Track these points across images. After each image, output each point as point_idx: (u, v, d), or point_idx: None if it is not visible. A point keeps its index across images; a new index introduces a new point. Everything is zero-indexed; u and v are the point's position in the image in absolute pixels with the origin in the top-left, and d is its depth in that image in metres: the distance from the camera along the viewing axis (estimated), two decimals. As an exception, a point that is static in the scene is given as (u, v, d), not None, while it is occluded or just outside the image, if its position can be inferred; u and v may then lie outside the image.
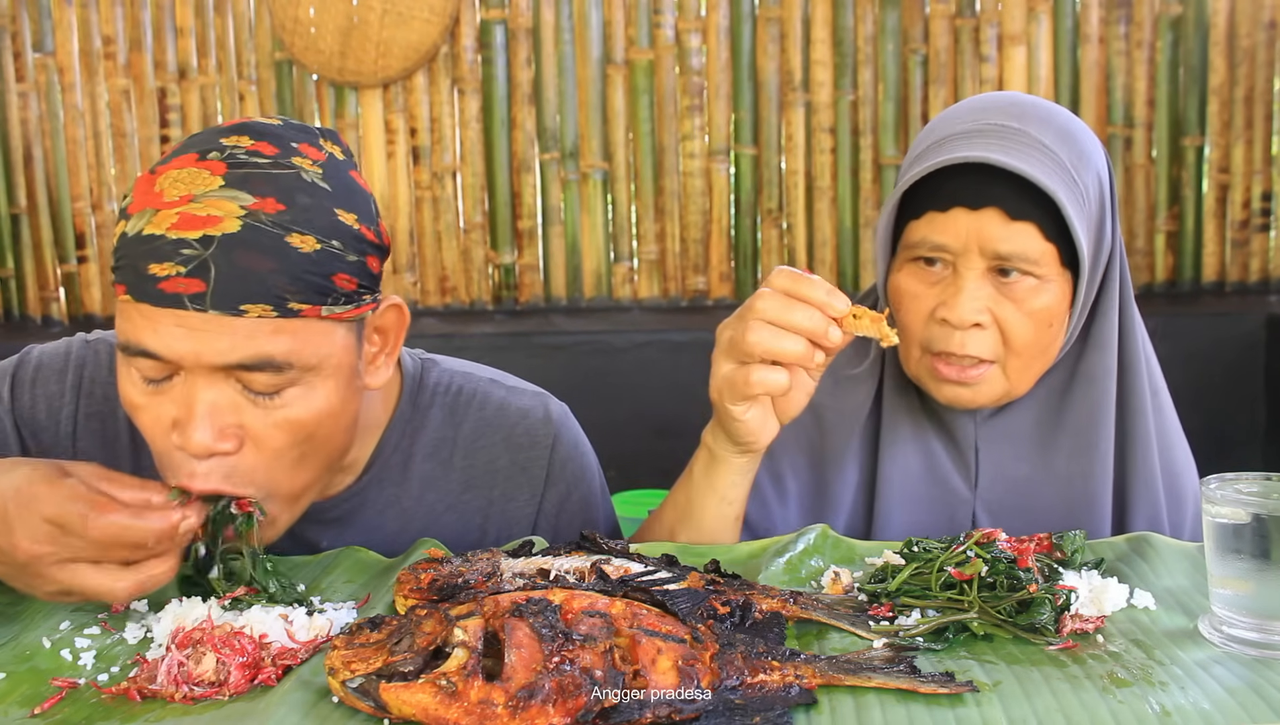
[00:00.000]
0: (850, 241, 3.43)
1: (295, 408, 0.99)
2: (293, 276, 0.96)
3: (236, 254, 0.94)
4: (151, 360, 0.96)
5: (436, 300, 3.52)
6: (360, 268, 1.01)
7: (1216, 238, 3.39)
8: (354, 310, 1.02)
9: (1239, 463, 1.20)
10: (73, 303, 3.62)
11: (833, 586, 1.01)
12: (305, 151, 1.00)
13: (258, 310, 0.95)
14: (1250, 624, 0.87)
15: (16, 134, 3.54)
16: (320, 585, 1.06)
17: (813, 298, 1.06)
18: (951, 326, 1.19)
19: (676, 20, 3.39)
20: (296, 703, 0.79)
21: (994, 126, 1.19)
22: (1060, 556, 1.02)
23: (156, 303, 0.94)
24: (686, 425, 3.72)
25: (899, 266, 1.25)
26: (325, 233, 0.98)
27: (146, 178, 0.98)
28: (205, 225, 0.93)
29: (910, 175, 1.21)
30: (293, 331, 0.97)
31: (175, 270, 0.93)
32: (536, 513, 1.26)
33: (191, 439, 0.96)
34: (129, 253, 0.96)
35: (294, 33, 3.37)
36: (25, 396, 1.18)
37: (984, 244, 1.17)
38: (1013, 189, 1.16)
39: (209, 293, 0.93)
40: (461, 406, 1.25)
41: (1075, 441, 1.28)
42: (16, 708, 0.83)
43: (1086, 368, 1.28)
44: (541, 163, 3.46)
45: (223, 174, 0.96)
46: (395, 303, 1.10)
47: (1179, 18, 3.31)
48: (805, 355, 1.07)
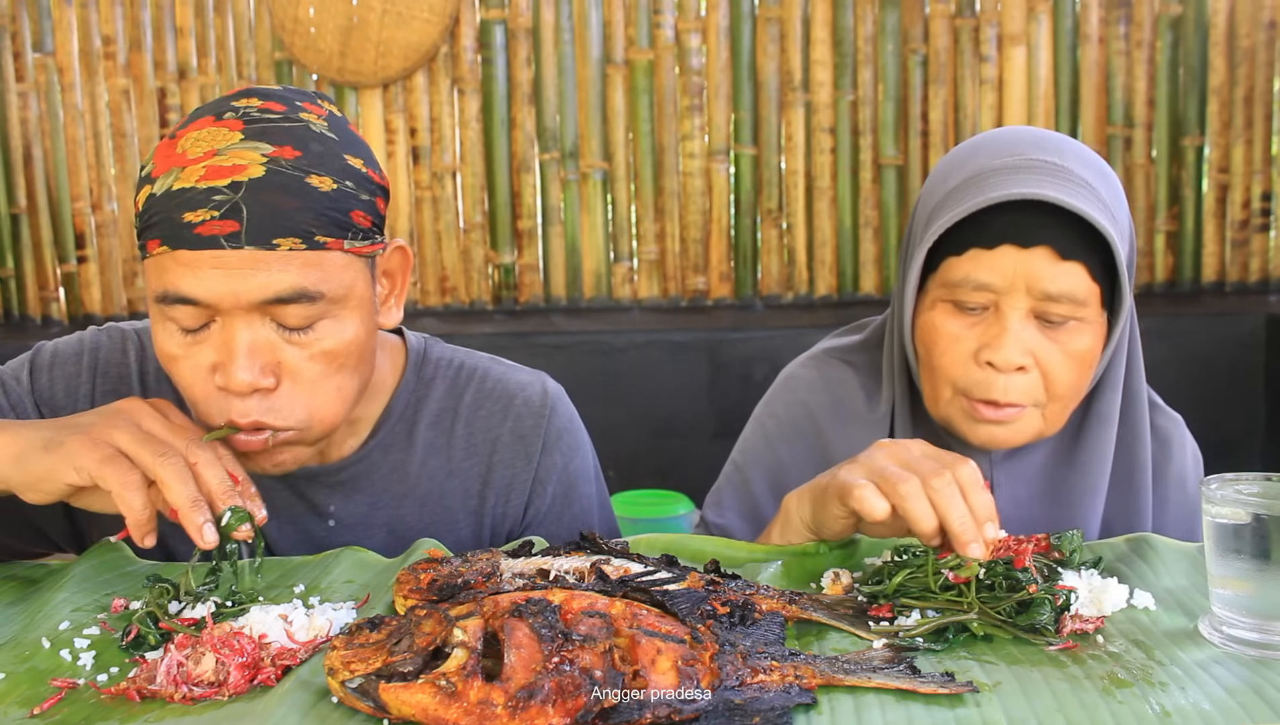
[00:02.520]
0: (850, 241, 3.43)
1: (328, 340, 1.06)
2: (316, 213, 1.03)
3: (264, 195, 1.00)
4: (190, 307, 1.02)
5: (436, 300, 3.52)
6: (371, 207, 1.09)
7: (1216, 238, 3.39)
8: (370, 246, 1.10)
9: (1239, 463, 1.20)
10: (73, 303, 3.62)
11: (833, 586, 1.01)
12: (309, 109, 1.08)
13: (288, 243, 1.01)
14: (1250, 624, 0.87)
15: (16, 134, 3.54)
16: (320, 585, 1.06)
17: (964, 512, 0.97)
18: (996, 370, 1.15)
19: (676, 20, 3.39)
20: (296, 703, 0.79)
21: (1037, 162, 1.15)
22: (1059, 556, 1.02)
23: (194, 247, 1.00)
24: (686, 425, 3.75)
25: (931, 304, 1.20)
26: (339, 175, 1.05)
27: (166, 143, 1.04)
28: (232, 173, 1.00)
29: (959, 210, 1.15)
30: (320, 264, 1.04)
31: (209, 215, 0.99)
32: (532, 479, 1.29)
33: (234, 377, 1.02)
34: (161, 208, 1.01)
35: (294, 33, 3.37)
36: (44, 379, 1.23)
37: (1032, 283, 1.13)
38: (1062, 228, 1.12)
39: (243, 230, 1.00)
40: (463, 380, 1.30)
41: (1084, 480, 1.27)
42: (16, 708, 0.83)
43: (1101, 408, 1.26)
44: (541, 163, 3.46)
45: (241, 129, 1.03)
46: (400, 245, 1.18)
47: (1179, 18, 3.31)
48: (928, 536, 0.98)
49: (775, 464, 1.33)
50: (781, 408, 1.37)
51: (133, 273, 3.59)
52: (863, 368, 1.35)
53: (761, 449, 1.37)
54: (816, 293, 3.46)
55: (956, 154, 1.24)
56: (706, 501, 1.41)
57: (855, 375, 1.35)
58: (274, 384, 1.04)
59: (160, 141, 1.06)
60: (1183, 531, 1.29)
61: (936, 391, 1.22)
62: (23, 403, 1.22)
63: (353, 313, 1.08)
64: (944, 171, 1.23)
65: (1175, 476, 1.34)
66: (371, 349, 1.14)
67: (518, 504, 1.29)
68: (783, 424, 1.36)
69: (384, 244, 1.14)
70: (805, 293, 3.47)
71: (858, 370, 1.35)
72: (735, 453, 1.40)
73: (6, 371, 1.24)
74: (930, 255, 1.20)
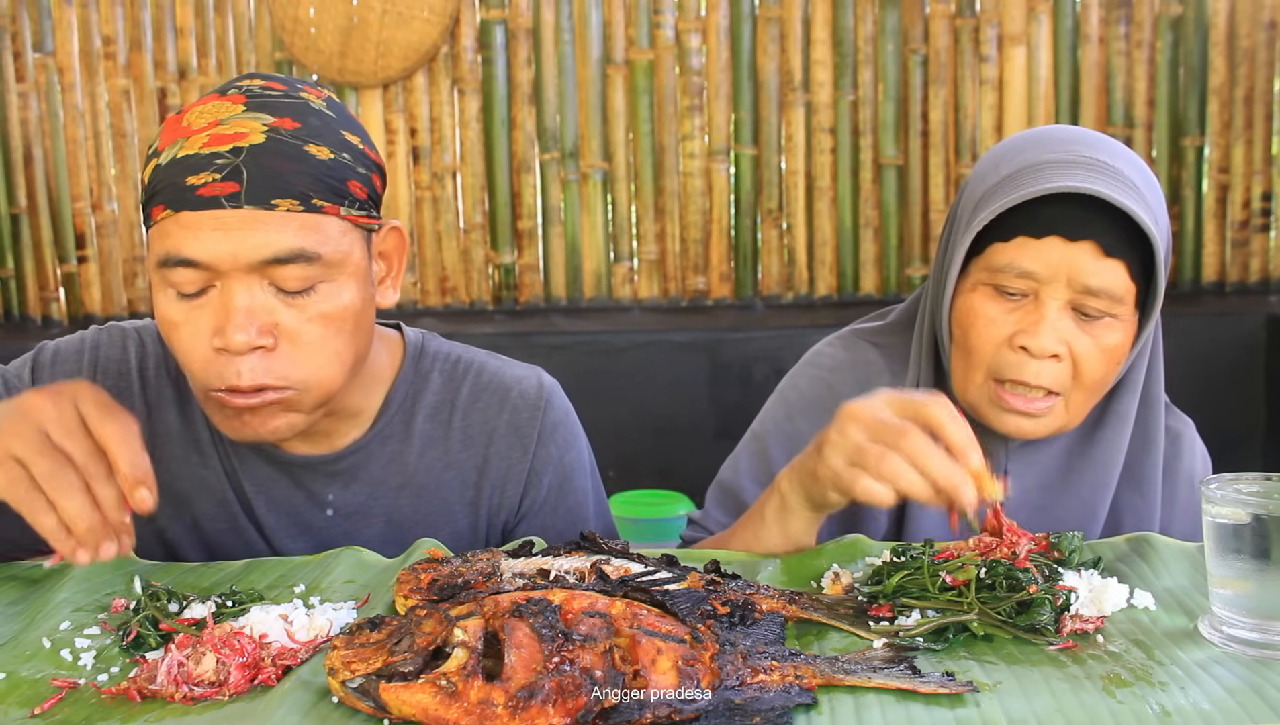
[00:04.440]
0: (850, 241, 3.43)
1: (325, 304, 1.09)
2: (314, 178, 1.07)
3: (264, 159, 1.05)
4: (190, 270, 1.05)
5: (436, 300, 3.52)
6: (368, 181, 1.13)
7: (1216, 238, 3.39)
8: (366, 217, 1.13)
9: (1239, 463, 1.20)
10: (73, 303, 3.62)
11: (833, 586, 1.01)
12: (308, 91, 1.14)
13: (287, 204, 1.05)
14: (1250, 624, 0.87)
15: (16, 134, 3.54)
16: (320, 585, 1.06)
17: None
18: (1029, 355, 1.18)
19: (676, 20, 3.39)
20: (296, 703, 0.79)
21: (1091, 160, 1.17)
22: (1058, 556, 1.02)
23: (196, 207, 1.04)
24: (686, 425, 3.75)
25: (971, 287, 1.23)
26: (336, 147, 1.10)
27: (173, 119, 1.10)
28: (234, 139, 1.05)
29: (1013, 197, 1.17)
30: (318, 227, 1.07)
31: (211, 177, 1.04)
32: (528, 471, 1.30)
33: (233, 338, 1.05)
34: (165, 175, 1.06)
35: (294, 33, 3.37)
36: (46, 377, 1.24)
37: (1074, 276, 1.16)
38: (1109, 225, 1.15)
39: (243, 191, 1.04)
40: (460, 373, 1.32)
41: (1098, 475, 1.29)
42: (16, 708, 0.83)
43: (1119, 407, 1.29)
44: (541, 163, 3.46)
45: (243, 102, 1.08)
46: (395, 226, 1.21)
47: (1179, 18, 3.31)
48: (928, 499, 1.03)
49: (794, 434, 1.35)
50: (805, 382, 1.40)
51: (133, 273, 3.59)
52: (889, 350, 1.38)
53: (781, 419, 1.39)
54: (817, 293, 3.46)
55: (1009, 144, 1.27)
56: (723, 465, 1.43)
57: (881, 356, 1.37)
58: (273, 344, 1.07)
59: (167, 119, 1.11)
60: (1190, 530, 1.31)
61: (968, 375, 1.24)
62: None
63: (350, 279, 1.11)
64: (995, 159, 1.25)
65: (1185, 474, 1.36)
66: (369, 320, 1.16)
67: (513, 495, 1.30)
68: (805, 397, 1.38)
69: (380, 222, 1.17)
70: (805, 293, 3.47)
71: (884, 351, 1.38)
72: (756, 423, 1.42)
73: (9, 370, 1.25)
74: (976, 240, 1.22)
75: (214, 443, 1.25)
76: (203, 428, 1.25)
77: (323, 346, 1.10)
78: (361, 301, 1.13)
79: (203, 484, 1.25)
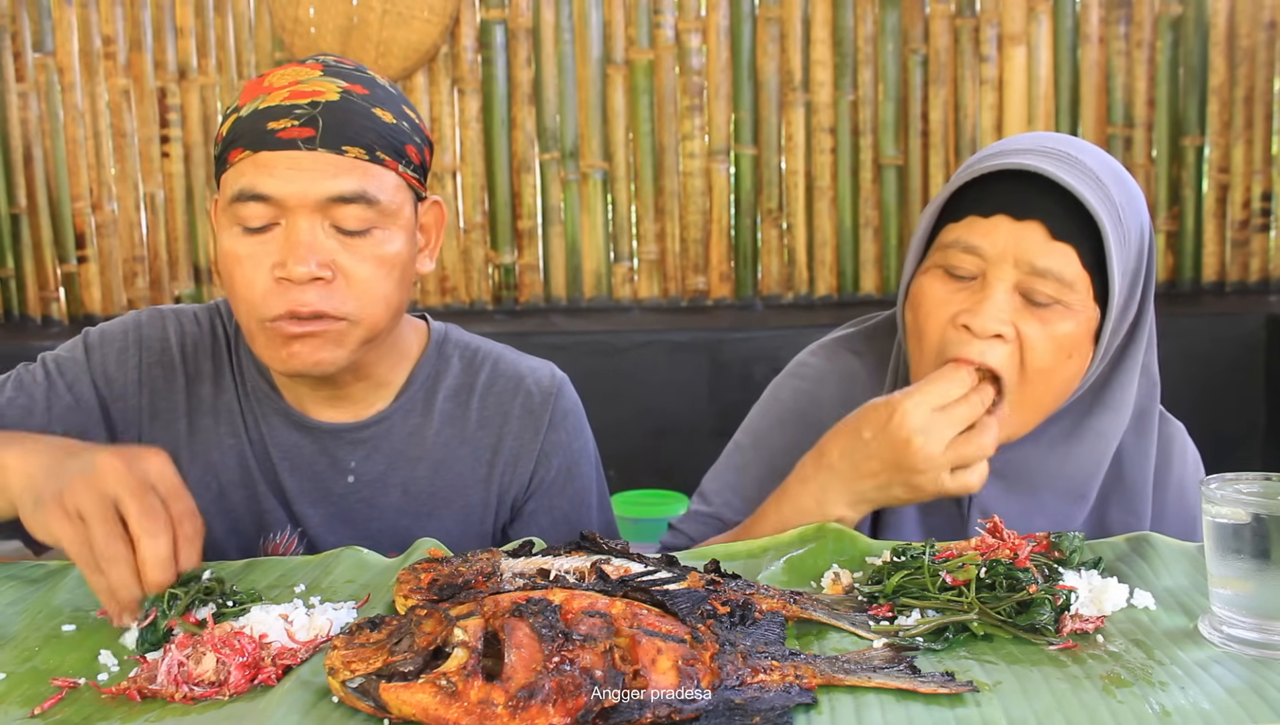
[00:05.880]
0: (850, 241, 3.43)
1: (379, 248, 1.21)
2: (378, 134, 1.20)
3: (337, 112, 1.18)
4: (261, 204, 1.17)
5: (436, 300, 3.52)
6: (421, 150, 1.26)
7: (1216, 238, 3.39)
8: (418, 181, 1.27)
9: (1239, 463, 1.20)
10: (73, 303, 3.62)
11: (833, 586, 1.01)
12: (375, 73, 1.27)
13: (355, 151, 1.18)
14: (1250, 624, 0.87)
15: (16, 134, 3.54)
16: (321, 585, 1.06)
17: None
18: (971, 334, 1.16)
19: (676, 20, 3.39)
20: (296, 703, 0.79)
21: (1052, 150, 1.17)
22: (1058, 556, 1.02)
23: (275, 148, 1.17)
24: (686, 425, 3.75)
25: (925, 269, 1.22)
26: (398, 115, 1.23)
27: (254, 81, 1.23)
28: (312, 95, 1.19)
29: (958, 178, 1.19)
30: (379, 176, 1.20)
31: (290, 123, 1.17)
32: (539, 451, 1.38)
33: (295, 269, 1.16)
34: (246, 124, 1.19)
35: (294, 33, 3.37)
36: (97, 354, 1.35)
37: (1020, 255, 1.15)
38: (1059, 208, 1.14)
39: (318, 136, 1.17)
40: (479, 361, 1.42)
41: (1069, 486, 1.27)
42: (16, 708, 0.83)
43: (1097, 425, 1.26)
44: (541, 163, 3.46)
45: (320, 70, 1.22)
46: (436, 200, 1.33)
47: (1179, 18, 3.31)
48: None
49: (776, 447, 1.35)
50: (789, 394, 1.40)
51: (133, 273, 3.59)
52: (869, 356, 1.38)
53: (763, 431, 1.39)
54: (816, 293, 3.46)
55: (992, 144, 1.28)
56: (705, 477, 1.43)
57: (862, 366, 1.37)
58: (331, 277, 1.18)
59: (248, 82, 1.24)
60: (1181, 537, 1.29)
61: (921, 361, 1.22)
62: (80, 380, 1.32)
63: (400, 231, 1.23)
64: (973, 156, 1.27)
65: (1175, 485, 1.34)
66: (411, 276, 1.28)
67: (524, 473, 1.38)
68: (788, 408, 1.38)
69: (426, 191, 1.30)
70: (805, 293, 3.47)
71: (864, 359, 1.38)
72: (738, 433, 1.43)
73: (60, 352, 1.35)
74: (935, 228, 1.23)
75: (243, 413, 1.34)
76: (234, 399, 1.35)
77: (374, 285, 1.21)
78: (408, 254, 1.25)
79: (231, 450, 1.34)
